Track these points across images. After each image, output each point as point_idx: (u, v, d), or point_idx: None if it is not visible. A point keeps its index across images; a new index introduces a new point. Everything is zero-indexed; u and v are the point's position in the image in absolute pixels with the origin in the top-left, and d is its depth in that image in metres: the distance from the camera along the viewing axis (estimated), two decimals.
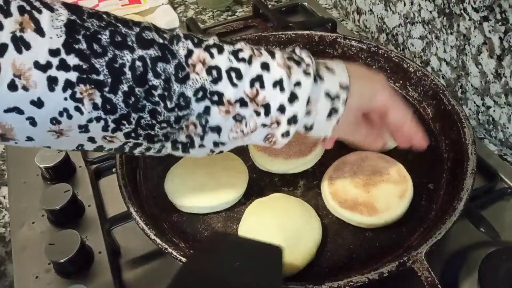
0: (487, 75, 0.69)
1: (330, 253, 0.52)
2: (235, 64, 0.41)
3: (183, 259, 0.47)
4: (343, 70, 0.46)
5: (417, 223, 0.53)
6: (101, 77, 0.36)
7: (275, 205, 0.53)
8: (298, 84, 0.42)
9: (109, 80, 0.37)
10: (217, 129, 0.43)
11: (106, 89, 0.37)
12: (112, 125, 0.39)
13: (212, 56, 0.41)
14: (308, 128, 0.45)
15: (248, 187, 0.58)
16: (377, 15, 0.91)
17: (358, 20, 0.98)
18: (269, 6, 1.03)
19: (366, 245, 0.52)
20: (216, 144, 0.44)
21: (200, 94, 0.40)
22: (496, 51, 0.65)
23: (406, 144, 0.52)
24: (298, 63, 0.43)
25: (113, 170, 0.66)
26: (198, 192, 0.56)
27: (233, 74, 0.41)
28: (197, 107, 0.41)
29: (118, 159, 0.58)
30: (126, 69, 0.37)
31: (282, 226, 0.50)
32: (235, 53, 0.42)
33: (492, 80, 0.68)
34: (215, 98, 0.41)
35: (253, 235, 0.51)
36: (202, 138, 0.43)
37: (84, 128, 0.38)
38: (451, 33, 0.73)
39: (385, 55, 0.71)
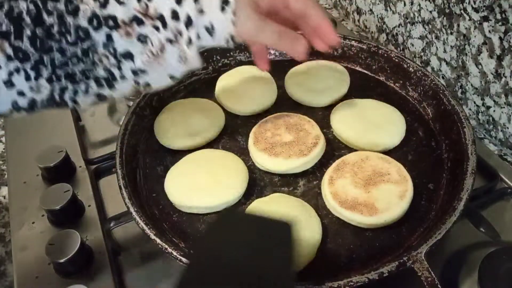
0: (487, 75, 0.69)
1: (330, 253, 0.52)
2: None
3: (183, 259, 0.47)
4: None
5: (417, 223, 0.53)
6: (4, 28, 0.41)
7: (275, 205, 0.53)
8: None
9: (12, 28, 0.41)
10: (129, 55, 0.44)
11: (12, 37, 0.41)
12: (32, 73, 0.43)
13: None
14: (210, 30, 0.46)
15: (248, 187, 0.58)
16: (377, 15, 0.91)
17: (358, 20, 0.98)
18: None
19: (366, 245, 0.52)
20: (135, 72, 0.45)
21: (95, 22, 0.43)
22: (496, 51, 0.65)
23: (319, 41, 0.53)
24: None
25: (113, 170, 0.66)
26: (198, 192, 0.56)
27: None
28: (99, 36, 0.43)
29: (118, 159, 0.58)
30: (24, 15, 0.41)
31: None
32: None
33: (492, 80, 0.68)
34: (111, 22, 0.43)
35: None
36: (119, 68, 0.45)
37: (9, 83, 0.42)
38: (451, 33, 0.73)
39: (385, 55, 0.71)
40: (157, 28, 0.44)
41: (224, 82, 0.72)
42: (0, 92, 0.42)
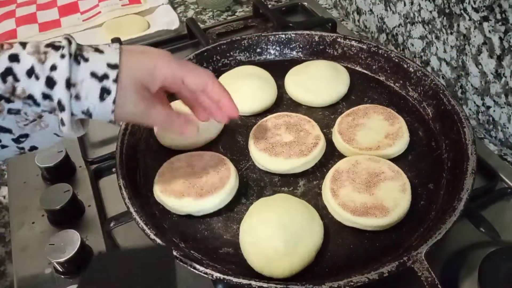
0: (487, 75, 0.69)
1: (330, 253, 0.52)
2: None
3: (183, 259, 0.47)
4: (114, 49, 0.44)
5: (417, 223, 0.53)
6: None
7: (279, 205, 0.53)
8: (53, 68, 0.41)
9: None
10: (4, 129, 0.43)
11: None
12: None
13: None
14: (87, 114, 0.43)
15: (248, 187, 0.58)
16: (377, 15, 0.91)
17: (358, 20, 0.98)
18: (269, 6, 1.03)
19: (366, 245, 0.52)
20: (16, 141, 0.44)
21: None
22: (496, 51, 0.65)
23: (219, 113, 0.52)
24: (57, 48, 0.42)
25: (113, 170, 0.66)
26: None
27: None
28: None
29: (118, 159, 0.58)
30: None
31: (284, 227, 0.50)
32: None
33: (492, 80, 0.68)
34: None
35: (253, 233, 0.51)
36: None
37: None
38: (451, 33, 0.73)
39: (385, 55, 0.71)
40: (29, 105, 0.42)
41: (224, 82, 0.71)
42: None
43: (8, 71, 0.40)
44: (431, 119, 0.65)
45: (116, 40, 0.88)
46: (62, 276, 0.55)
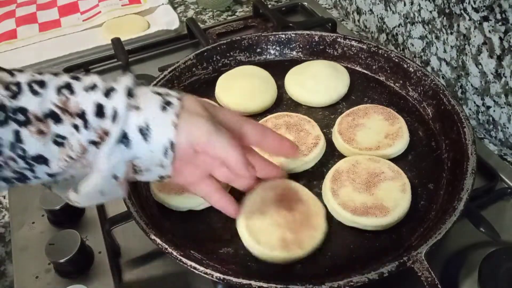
0: (487, 75, 0.69)
1: (330, 253, 0.52)
2: (38, 77, 0.38)
3: (183, 259, 0.47)
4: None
5: (417, 223, 0.53)
6: None
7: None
8: (116, 81, 0.40)
9: None
10: (43, 160, 0.38)
11: None
12: None
13: (12, 75, 0.37)
14: (145, 131, 0.39)
15: None
16: (377, 15, 0.91)
17: (358, 20, 0.98)
18: (269, 6, 1.03)
19: (366, 245, 0.52)
20: (52, 176, 0.39)
21: (1, 116, 0.35)
22: (496, 51, 0.65)
23: (290, 153, 0.52)
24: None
25: None
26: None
27: (35, 85, 0.37)
28: (5, 134, 0.36)
29: None
30: None
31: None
32: (39, 71, 0.39)
33: (492, 80, 0.68)
34: (20, 117, 0.36)
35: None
36: (32, 171, 0.38)
37: None
38: (451, 33, 0.73)
39: (385, 55, 0.71)
40: (77, 128, 0.37)
41: (224, 82, 0.72)
42: None
43: (67, 85, 0.38)
44: (431, 119, 0.65)
45: (116, 40, 0.88)
46: (62, 276, 0.55)
